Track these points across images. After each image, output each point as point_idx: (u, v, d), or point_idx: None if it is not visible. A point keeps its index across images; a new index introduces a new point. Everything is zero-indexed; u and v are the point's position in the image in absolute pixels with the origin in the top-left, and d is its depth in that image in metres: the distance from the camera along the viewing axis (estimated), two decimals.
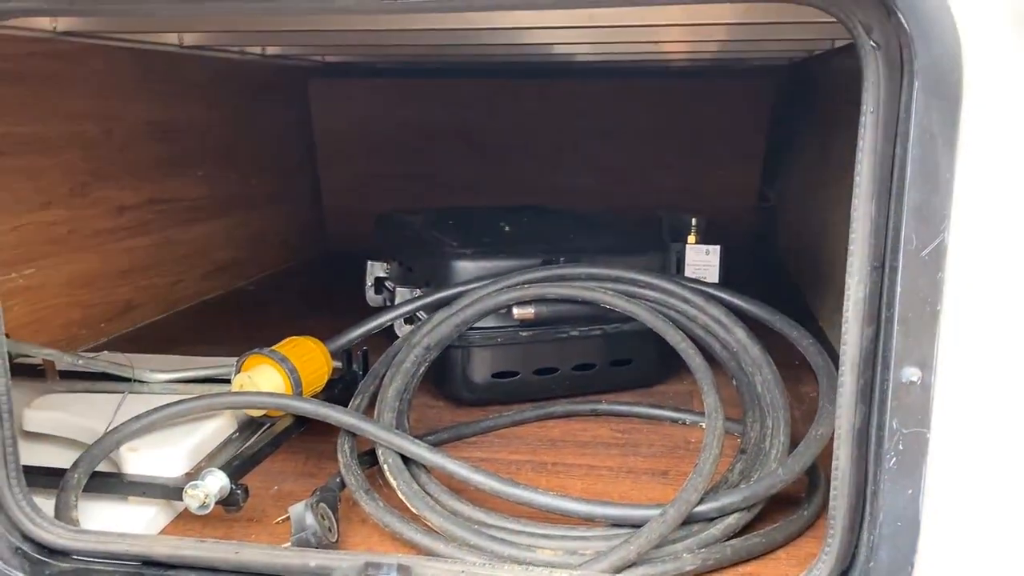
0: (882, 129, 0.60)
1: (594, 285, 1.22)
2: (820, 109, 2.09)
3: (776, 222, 2.66)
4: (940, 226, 0.59)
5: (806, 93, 2.32)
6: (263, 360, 1.11)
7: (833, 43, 1.83)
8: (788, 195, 2.54)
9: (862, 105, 0.61)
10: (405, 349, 1.15)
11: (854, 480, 0.67)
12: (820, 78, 2.13)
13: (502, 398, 1.32)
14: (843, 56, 1.85)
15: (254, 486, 1.06)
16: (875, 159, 0.61)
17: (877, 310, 0.63)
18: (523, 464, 1.15)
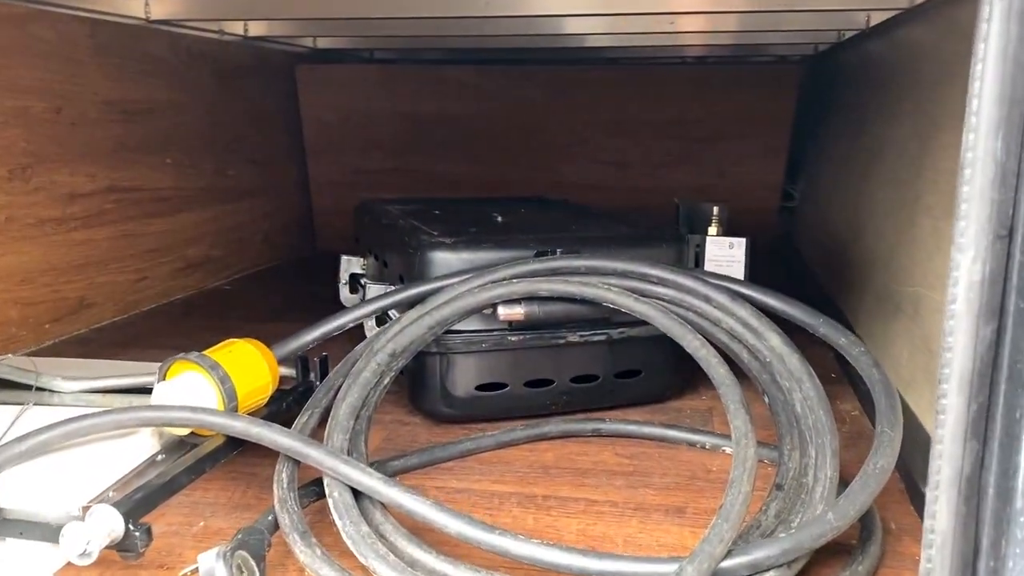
0: (1017, 24, 0.40)
1: (596, 280, 1.01)
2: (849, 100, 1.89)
3: (800, 222, 2.45)
4: None
5: (834, 82, 2.12)
6: (190, 366, 0.91)
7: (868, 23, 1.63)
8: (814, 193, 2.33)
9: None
10: (365, 356, 0.95)
11: (960, 549, 0.46)
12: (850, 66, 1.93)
13: (487, 414, 1.12)
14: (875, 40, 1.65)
15: (174, 522, 0.87)
16: (1005, 69, 0.40)
17: (1001, 300, 0.43)
18: (508, 497, 0.94)
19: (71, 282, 1.59)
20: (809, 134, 2.40)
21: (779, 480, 0.84)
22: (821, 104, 2.27)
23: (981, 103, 0.41)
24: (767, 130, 2.40)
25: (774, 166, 2.45)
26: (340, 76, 2.41)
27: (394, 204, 1.48)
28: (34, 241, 1.50)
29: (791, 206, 2.54)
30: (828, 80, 2.20)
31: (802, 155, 2.46)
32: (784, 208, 2.55)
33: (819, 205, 2.22)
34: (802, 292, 1.99)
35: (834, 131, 2.08)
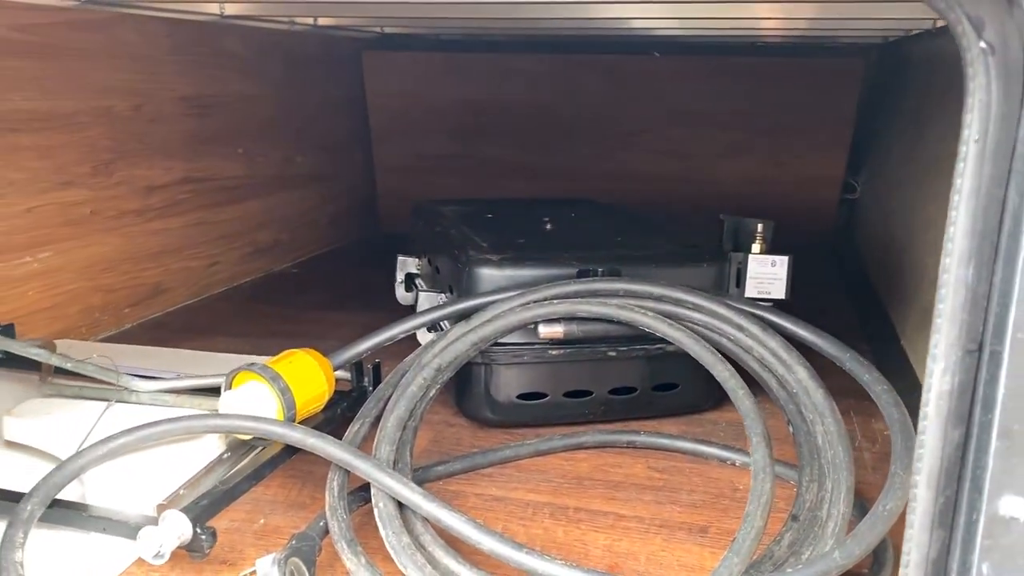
0: (989, 166, 0.43)
1: (633, 304, 1.06)
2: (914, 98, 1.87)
3: (860, 216, 2.43)
4: None
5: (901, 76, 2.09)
6: (254, 377, 0.99)
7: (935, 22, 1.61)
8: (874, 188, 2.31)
9: (963, 129, 0.44)
10: (413, 370, 1.02)
11: None
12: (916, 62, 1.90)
13: (528, 421, 1.18)
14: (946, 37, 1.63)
15: (237, 519, 0.96)
16: (977, 205, 0.44)
17: (969, 409, 0.47)
18: (541, 508, 1.01)
19: (148, 269, 1.71)
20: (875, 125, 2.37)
21: (795, 511, 0.89)
22: (888, 96, 2.24)
23: (955, 235, 0.45)
24: (830, 122, 2.38)
25: (836, 159, 2.43)
26: (405, 63, 2.47)
27: (448, 206, 1.54)
28: (115, 232, 1.61)
29: (852, 198, 2.52)
30: (896, 72, 2.17)
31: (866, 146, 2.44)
32: (845, 200, 2.53)
33: (878, 202, 2.20)
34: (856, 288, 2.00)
35: (898, 127, 2.05)
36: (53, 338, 1.45)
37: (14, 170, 1.38)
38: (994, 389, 0.45)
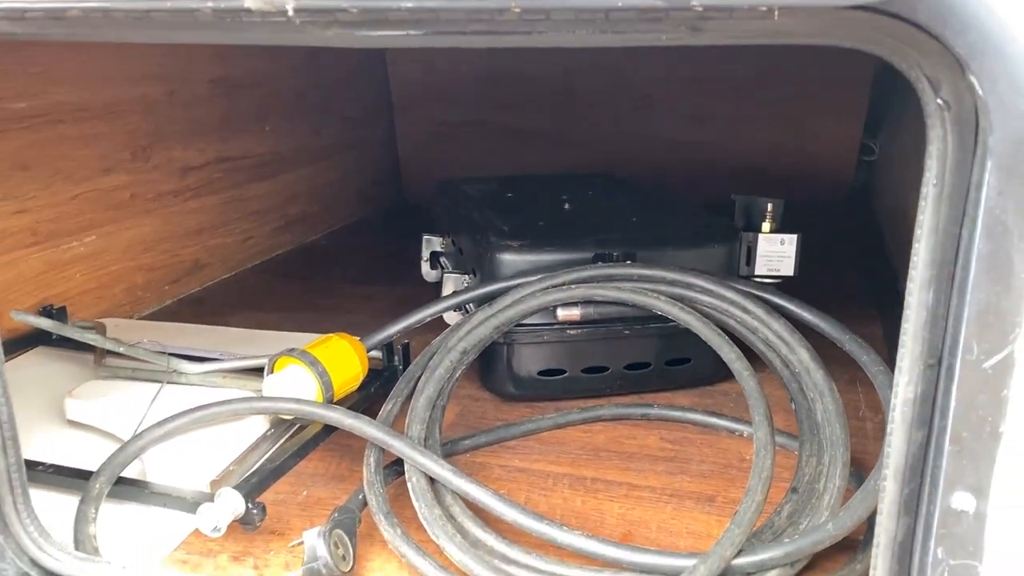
0: (946, 207, 0.49)
1: (646, 288, 1.12)
2: None
3: (877, 178, 2.46)
4: (1010, 335, 0.48)
5: None
6: (294, 361, 1.07)
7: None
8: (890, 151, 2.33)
9: (925, 173, 0.50)
10: (440, 352, 1.10)
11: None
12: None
13: (548, 395, 1.26)
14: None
15: (282, 491, 1.05)
16: (936, 240, 0.50)
17: (931, 413, 0.53)
18: (561, 479, 1.09)
19: (186, 247, 1.79)
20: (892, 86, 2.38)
21: (795, 484, 0.96)
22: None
23: (918, 264, 0.51)
24: (847, 84, 2.40)
25: (853, 120, 2.45)
26: None
27: (470, 185, 1.60)
28: (154, 213, 1.69)
29: (870, 160, 2.55)
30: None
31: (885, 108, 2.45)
32: (863, 162, 2.56)
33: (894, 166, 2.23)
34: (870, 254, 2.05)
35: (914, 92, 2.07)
36: (99, 317, 1.54)
37: (60, 160, 1.46)
38: (948, 400, 0.51)
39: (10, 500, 0.79)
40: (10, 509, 0.79)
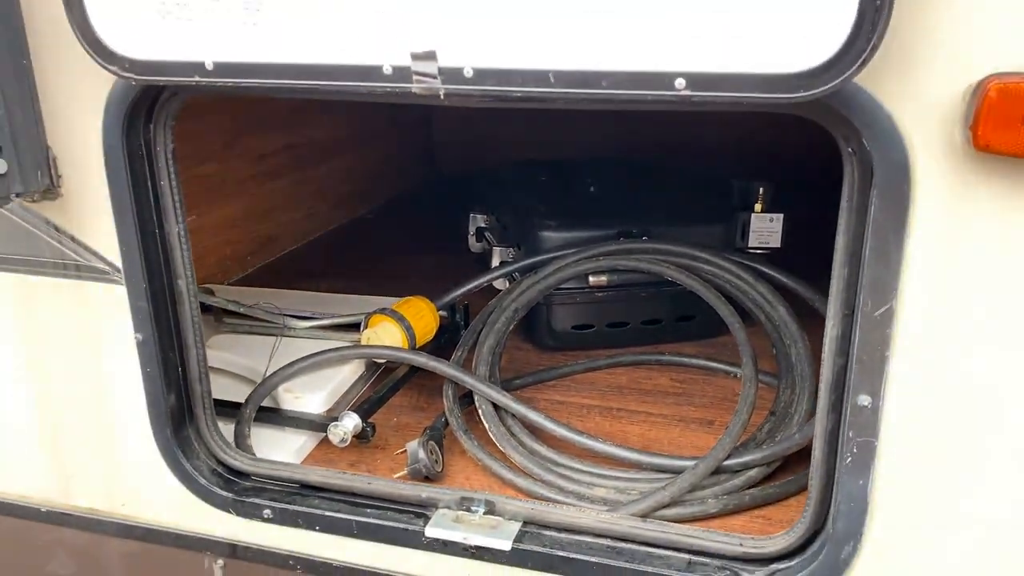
0: (855, 216, 0.78)
1: (659, 259, 1.42)
2: None
3: None
4: (889, 296, 0.77)
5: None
6: (385, 319, 1.38)
7: None
8: None
9: (842, 192, 0.79)
10: (497, 311, 1.40)
11: (826, 468, 0.89)
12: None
13: (579, 346, 1.56)
14: None
15: (378, 418, 1.35)
16: (849, 237, 0.79)
17: (847, 346, 0.83)
18: (592, 408, 1.40)
19: (263, 223, 2.08)
20: None
21: (773, 408, 1.27)
22: None
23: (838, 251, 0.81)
24: None
25: None
26: None
27: (506, 172, 1.88)
28: (238, 195, 1.99)
29: None
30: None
31: None
32: None
33: None
34: None
35: None
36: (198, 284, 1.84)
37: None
38: (855, 336, 0.81)
39: (203, 418, 1.10)
40: (203, 424, 1.10)
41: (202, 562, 1.14)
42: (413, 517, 1.05)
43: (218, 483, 1.10)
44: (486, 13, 0.74)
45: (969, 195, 0.73)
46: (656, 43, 0.71)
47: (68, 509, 1.18)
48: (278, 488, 1.11)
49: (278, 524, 1.08)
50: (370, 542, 1.05)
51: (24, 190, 0.97)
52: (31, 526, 1.20)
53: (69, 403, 1.12)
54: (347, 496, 1.09)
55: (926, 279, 0.76)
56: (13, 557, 1.24)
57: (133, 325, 1.04)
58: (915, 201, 0.75)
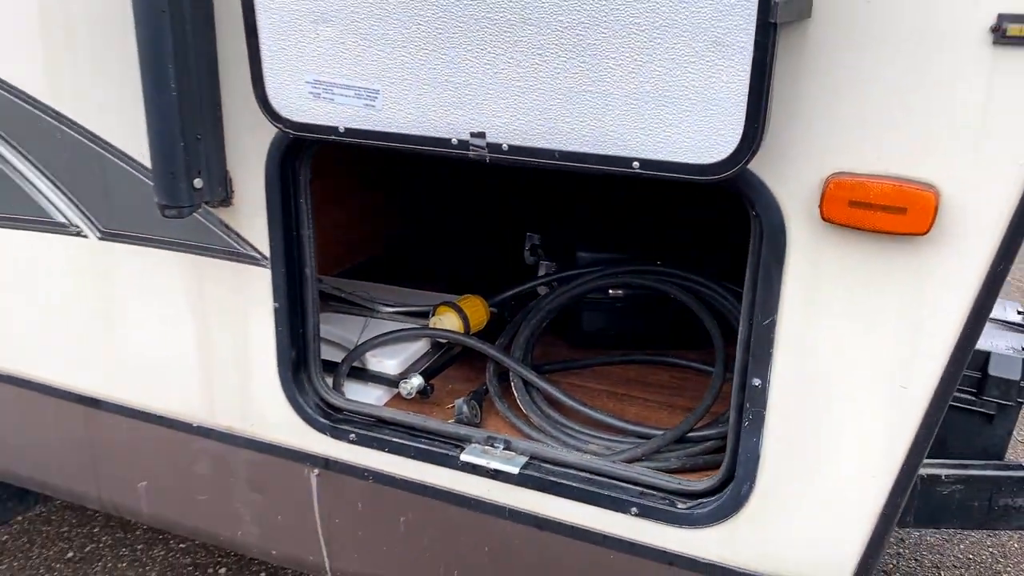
0: (755, 258, 1.17)
1: (664, 279, 1.82)
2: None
3: None
4: (773, 312, 1.15)
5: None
6: (448, 309, 1.81)
7: None
8: None
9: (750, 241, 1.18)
10: (535, 311, 1.82)
11: (735, 431, 1.27)
12: None
13: (600, 345, 1.96)
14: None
15: (436, 382, 1.79)
16: (752, 271, 1.18)
17: (748, 344, 1.21)
18: (603, 392, 1.80)
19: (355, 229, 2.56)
20: None
21: None
22: None
23: (747, 279, 1.20)
24: None
25: None
26: None
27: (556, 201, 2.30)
28: (344, 204, 2.46)
29: None
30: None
31: None
32: None
33: None
34: None
35: None
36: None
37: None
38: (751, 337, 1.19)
39: (313, 367, 1.55)
40: (313, 372, 1.55)
41: (303, 471, 1.60)
42: (453, 447, 1.48)
43: (320, 414, 1.55)
44: (518, 113, 1.16)
45: (820, 248, 1.12)
46: (622, 140, 1.11)
47: (212, 425, 1.65)
48: (361, 421, 1.56)
49: (359, 446, 1.53)
50: (421, 462, 1.49)
51: (210, 199, 1.44)
52: (185, 436, 1.68)
53: (222, 348, 1.59)
54: (408, 429, 1.53)
55: (795, 301, 1.15)
56: (170, 458, 1.72)
57: (273, 297, 1.50)
58: (788, 250, 1.13)
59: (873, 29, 1.03)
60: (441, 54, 1.17)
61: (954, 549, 2.98)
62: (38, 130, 1.58)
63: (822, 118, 1.08)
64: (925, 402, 1.13)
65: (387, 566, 1.56)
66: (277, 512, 1.63)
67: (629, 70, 1.08)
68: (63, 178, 1.61)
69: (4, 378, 1.81)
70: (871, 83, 1.05)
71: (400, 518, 1.53)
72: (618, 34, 1.07)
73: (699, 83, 1.05)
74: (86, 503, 1.93)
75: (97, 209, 1.59)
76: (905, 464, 1.16)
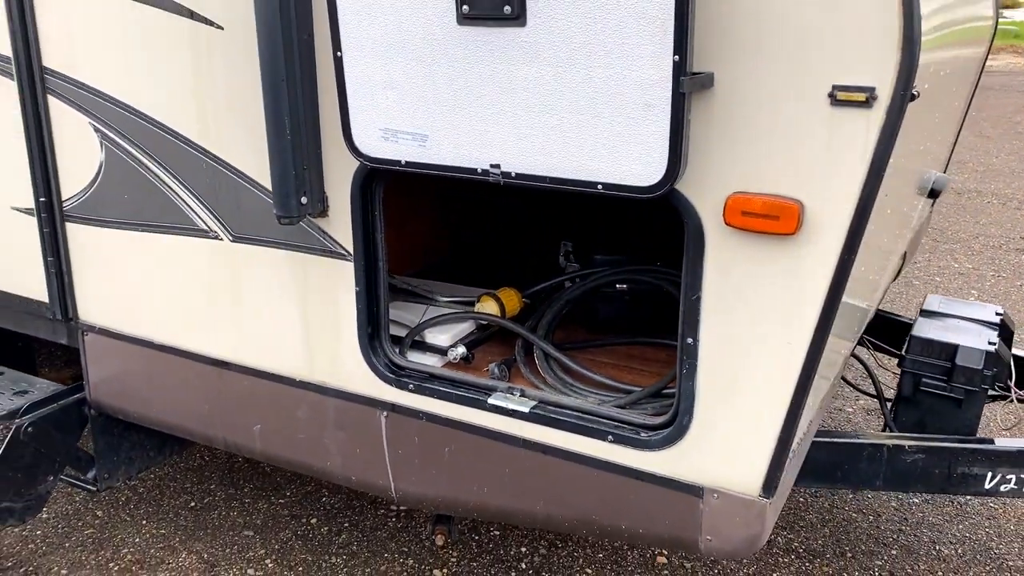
0: (688, 251, 1.66)
1: (662, 277, 2.31)
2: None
3: None
4: (699, 289, 1.63)
5: None
6: (489, 298, 2.34)
7: None
8: None
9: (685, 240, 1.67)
10: (557, 300, 2.33)
11: (679, 379, 1.75)
12: None
13: (613, 329, 2.46)
14: None
15: (477, 353, 2.32)
16: (687, 261, 1.67)
17: (685, 314, 1.69)
18: (608, 364, 2.29)
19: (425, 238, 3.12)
20: None
21: None
22: None
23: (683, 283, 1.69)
24: None
25: None
26: None
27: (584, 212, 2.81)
28: (418, 217, 3.02)
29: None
30: None
31: None
32: None
33: None
34: None
35: None
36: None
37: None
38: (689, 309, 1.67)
39: (384, 334, 2.10)
40: (384, 339, 2.10)
41: (375, 414, 2.14)
42: (484, 394, 2.00)
43: (388, 371, 2.10)
44: (521, 151, 1.68)
45: (727, 244, 1.59)
46: (589, 170, 1.62)
47: (310, 380, 2.22)
48: (418, 376, 2.09)
49: (416, 393, 2.06)
50: (461, 405, 2.01)
51: (312, 212, 2.00)
52: (290, 389, 2.25)
53: (318, 322, 2.15)
54: (452, 382, 2.06)
55: (712, 281, 1.63)
56: (278, 406, 2.29)
57: (355, 283, 2.05)
58: (707, 246, 1.62)
59: (757, 94, 1.51)
60: (469, 110, 1.70)
61: (952, 527, 3.34)
62: (190, 161, 2.19)
63: (724, 155, 1.56)
64: (803, 354, 1.59)
65: (436, 486, 2.09)
66: (356, 446, 2.18)
67: (592, 122, 1.59)
68: (206, 196, 2.21)
69: (157, 346, 2.43)
70: (755, 130, 1.53)
71: (445, 448, 2.05)
72: (584, 99, 1.58)
73: (639, 132, 1.55)
74: (214, 444, 2.52)
75: (230, 219, 2.19)
76: (792, 400, 1.62)
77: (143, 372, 2.48)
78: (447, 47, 1.68)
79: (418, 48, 1.71)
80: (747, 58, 1.50)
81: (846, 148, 1.46)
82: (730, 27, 1.49)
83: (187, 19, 2.07)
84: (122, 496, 3.39)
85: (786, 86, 1.49)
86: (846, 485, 2.60)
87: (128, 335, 2.46)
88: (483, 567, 2.99)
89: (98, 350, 2.54)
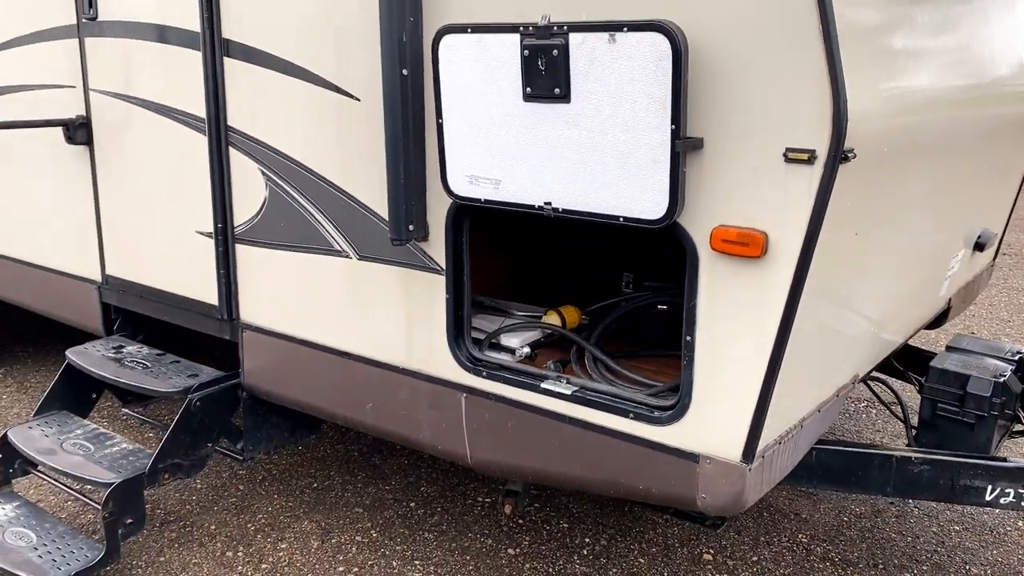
0: (686, 270, 2.20)
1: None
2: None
3: None
4: (694, 298, 2.16)
5: None
6: (553, 312, 2.93)
7: None
8: None
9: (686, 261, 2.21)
10: (608, 316, 2.89)
11: (682, 368, 2.27)
12: None
13: (655, 342, 2.98)
14: None
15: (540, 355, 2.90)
16: (687, 278, 2.21)
17: (685, 318, 2.22)
18: (648, 369, 2.82)
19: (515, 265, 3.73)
20: None
21: None
22: None
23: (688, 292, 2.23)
24: None
25: None
26: None
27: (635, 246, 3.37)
28: (503, 248, 3.65)
29: None
30: None
31: None
32: None
33: None
34: None
35: None
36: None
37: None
38: (688, 315, 2.20)
39: (467, 336, 2.72)
40: (466, 336, 2.71)
41: (457, 395, 2.74)
42: (538, 380, 2.57)
43: (468, 361, 2.70)
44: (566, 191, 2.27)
45: (714, 264, 2.12)
46: (614, 206, 2.20)
47: (409, 367, 2.84)
48: (490, 366, 2.69)
49: (488, 380, 2.65)
50: (521, 389, 2.59)
51: (417, 237, 2.66)
52: (394, 374, 2.88)
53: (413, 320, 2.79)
54: (516, 372, 2.64)
55: (704, 293, 2.16)
56: (384, 388, 2.93)
57: (445, 291, 2.68)
58: (700, 265, 2.15)
59: (735, 152, 2.06)
60: (530, 162, 2.32)
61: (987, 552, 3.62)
62: (330, 198, 2.89)
63: (711, 197, 2.11)
64: (769, 349, 2.09)
65: (503, 453, 2.67)
66: (442, 421, 2.79)
67: (616, 172, 2.17)
68: (341, 223, 2.90)
69: (299, 341, 3.13)
70: (734, 179, 2.07)
71: (509, 424, 2.63)
72: (610, 155, 2.17)
73: (648, 179, 2.12)
74: (336, 420, 3.19)
75: (358, 241, 2.87)
76: (763, 384, 2.12)
77: (286, 361, 3.19)
78: (515, 117, 2.31)
79: (495, 117, 2.34)
80: (727, 126, 2.05)
81: (796, 193, 1.99)
82: (714, 104, 2.06)
83: (334, 92, 2.79)
84: (259, 475, 4.13)
85: (755, 147, 2.03)
86: (861, 490, 3.00)
87: (277, 332, 3.18)
88: (550, 551, 3.52)
89: (252, 344, 3.28)
